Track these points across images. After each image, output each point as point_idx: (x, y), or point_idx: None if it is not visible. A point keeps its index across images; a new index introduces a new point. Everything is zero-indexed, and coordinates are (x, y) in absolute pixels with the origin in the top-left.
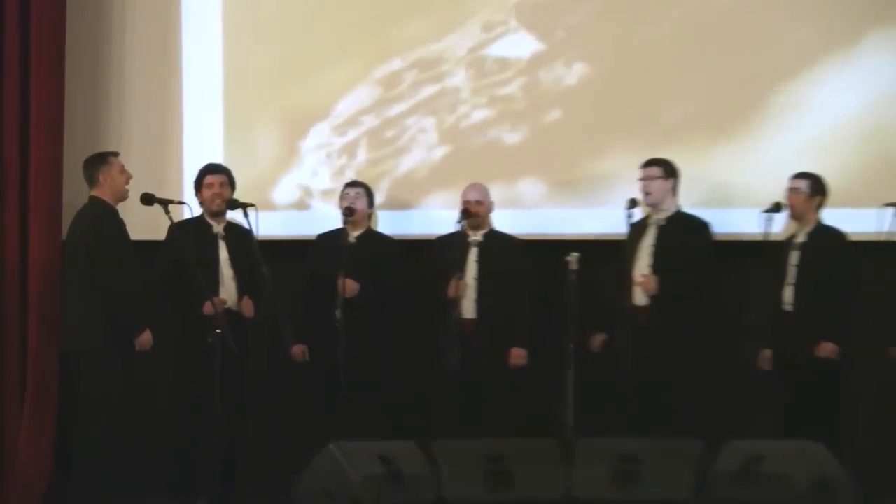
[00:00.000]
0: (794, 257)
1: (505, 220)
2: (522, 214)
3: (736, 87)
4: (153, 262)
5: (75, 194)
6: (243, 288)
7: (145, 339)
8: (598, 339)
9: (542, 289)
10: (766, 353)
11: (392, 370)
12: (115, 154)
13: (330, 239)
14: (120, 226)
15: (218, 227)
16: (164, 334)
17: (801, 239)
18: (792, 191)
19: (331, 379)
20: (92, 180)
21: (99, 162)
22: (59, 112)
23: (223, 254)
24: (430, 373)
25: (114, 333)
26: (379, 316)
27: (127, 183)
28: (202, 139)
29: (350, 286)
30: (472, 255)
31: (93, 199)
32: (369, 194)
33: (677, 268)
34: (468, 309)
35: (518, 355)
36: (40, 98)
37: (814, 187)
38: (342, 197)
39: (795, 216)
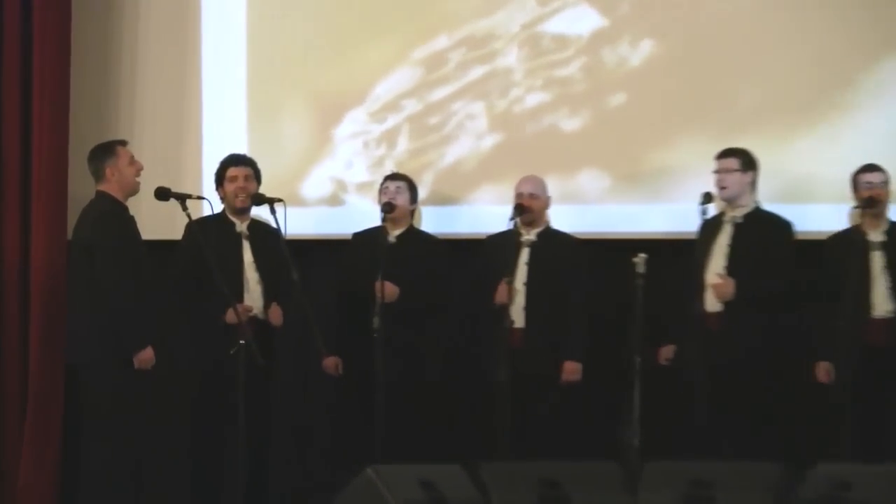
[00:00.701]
0: (878, 259)
1: (562, 218)
2: (582, 210)
3: (821, 67)
4: (168, 264)
5: (82, 188)
6: (270, 293)
7: (146, 357)
8: (666, 351)
9: (604, 293)
10: (825, 366)
11: (435, 385)
12: (124, 143)
13: (367, 238)
14: (128, 224)
15: (241, 226)
16: (181, 347)
17: (879, 238)
18: (872, 185)
19: (367, 395)
20: (98, 174)
21: (105, 153)
22: (65, 95)
23: (248, 255)
24: (477, 389)
25: (115, 346)
26: (421, 325)
27: (137, 175)
28: (223, 127)
29: (389, 291)
30: (524, 255)
31: (99, 195)
32: (411, 188)
33: (755, 271)
34: (518, 317)
35: (572, 370)
36: (44, 79)
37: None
38: (381, 191)
39: (879, 212)
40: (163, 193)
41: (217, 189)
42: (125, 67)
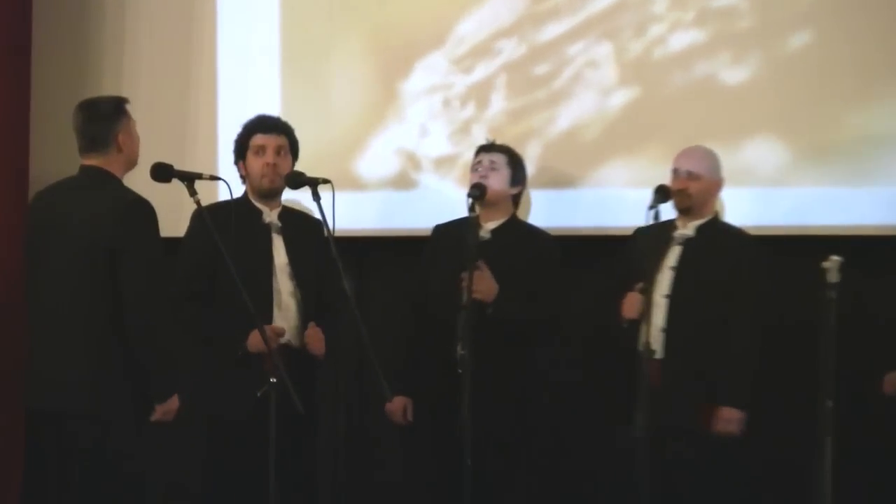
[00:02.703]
0: None
1: (727, 205)
2: (753, 196)
3: None
4: (168, 269)
5: (45, 163)
6: (309, 310)
7: (173, 405)
8: (892, 380)
9: (780, 310)
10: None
11: (543, 434)
12: (126, 101)
13: (452, 234)
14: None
15: (271, 215)
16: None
17: None
18: None
19: (449, 448)
20: (102, 142)
21: (116, 113)
22: (25, 35)
23: (279, 256)
24: (601, 439)
25: (141, 391)
26: (523, 353)
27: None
28: (247, 82)
29: (486, 286)
30: (672, 257)
31: (99, 174)
32: (513, 164)
33: None
34: (656, 343)
35: (729, 418)
36: None
37: None
38: (471, 169)
39: None
40: (163, 171)
41: (237, 163)
42: (109, 8)
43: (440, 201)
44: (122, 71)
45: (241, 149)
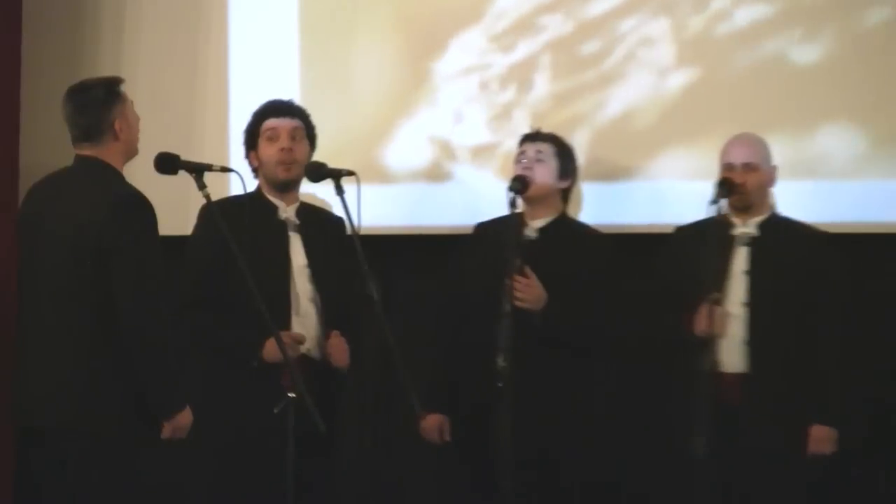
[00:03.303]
0: None
1: (792, 199)
2: (827, 189)
3: None
4: (173, 272)
5: (37, 153)
6: (331, 317)
7: (184, 421)
8: None
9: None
10: None
11: (595, 456)
12: (121, 81)
13: (496, 233)
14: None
15: (288, 211)
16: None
17: None
18: None
19: (489, 472)
20: (97, 129)
21: (111, 97)
22: (14, 11)
23: (298, 256)
24: (662, 462)
25: (144, 405)
26: (571, 366)
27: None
28: (261, 60)
29: (531, 292)
30: (739, 259)
31: (93, 164)
32: (562, 155)
33: None
34: (731, 356)
35: (823, 437)
36: None
37: None
38: (515, 161)
39: None
40: (168, 162)
41: (248, 155)
42: None
43: (477, 196)
44: (122, 51)
45: (252, 137)
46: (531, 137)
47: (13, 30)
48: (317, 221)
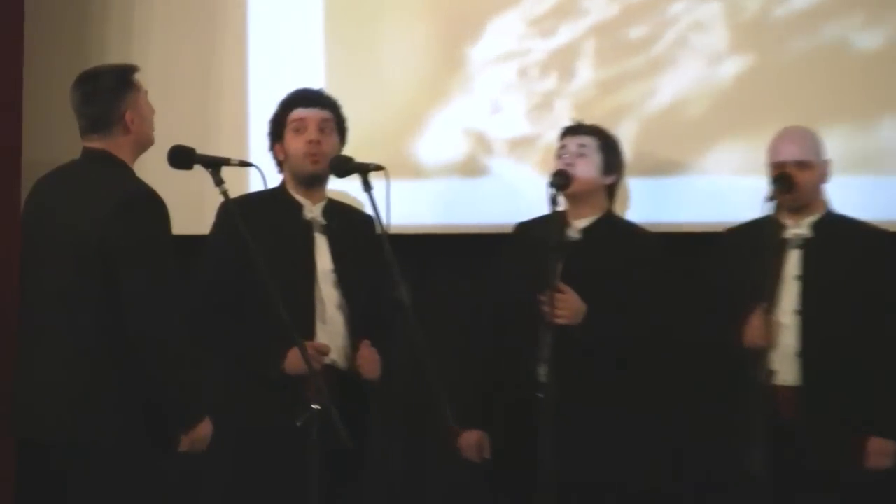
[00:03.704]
0: None
1: (854, 196)
2: (890, 185)
3: None
4: (188, 275)
5: (40, 145)
6: (359, 325)
7: (203, 432)
8: None
9: None
10: None
11: (641, 476)
12: (136, 69)
13: (537, 234)
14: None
15: (314, 209)
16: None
17: None
18: None
19: (528, 491)
20: (107, 121)
21: (123, 86)
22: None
23: (323, 259)
24: (715, 481)
25: (149, 420)
26: (620, 378)
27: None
28: (283, 46)
29: (570, 305)
30: (793, 262)
31: (103, 157)
32: (606, 148)
33: None
34: (783, 368)
35: (883, 450)
36: None
37: None
38: (556, 156)
39: None
40: (183, 156)
41: (272, 147)
42: None
43: (515, 192)
44: (132, 36)
45: (278, 128)
46: (573, 130)
47: (15, 14)
48: (345, 221)
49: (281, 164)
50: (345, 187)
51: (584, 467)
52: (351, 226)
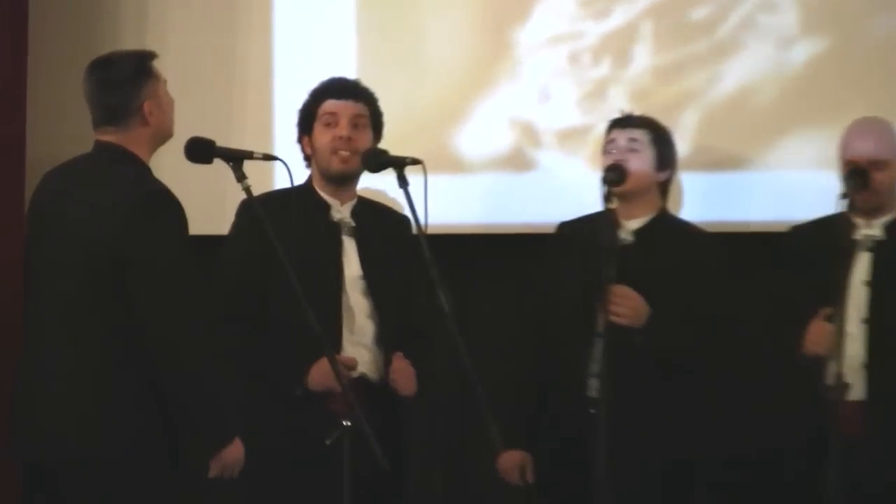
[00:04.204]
0: None
1: None
2: None
3: None
4: (205, 279)
5: (45, 137)
6: (391, 336)
7: (233, 456)
8: None
9: None
10: None
11: (704, 498)
12: (154, 56)
13: (582, 235)
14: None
15: (343, 210)
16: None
17: None
18: None
19: None
20: (123, 111)
21: (141, 75)
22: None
23: (352, 264)
24: (783, 500)
25: (168, 438)
26: (681, 392)
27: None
28: (311, 30)
29: (630, 303)
30: (862, 266)
31: (116, 153)
32: (659, 142)
33: None
34: (853, 380)
35: None
36: None
37: None
38: (603, 151)
39: None
40: (202, 149)
41: (301, 139)
42: None
43: (565, 188)
44: (147, 18)
45: (308, 119)
46: (622, 123)
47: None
48: (377, 222)
49: (308, 159)
50: (382, 186)
51: (642, 490)
52: (384, 227)
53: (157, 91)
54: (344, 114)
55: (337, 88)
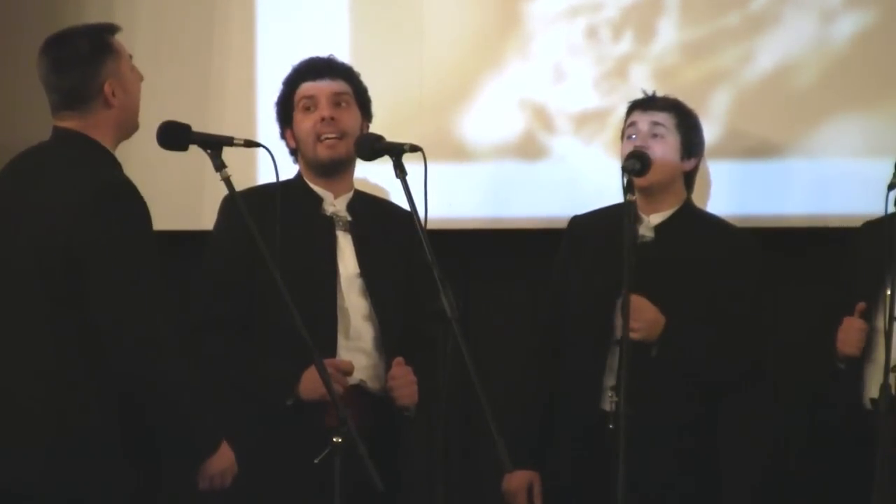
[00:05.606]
0: None
1: None
2: None
3: None
4: (184, 284)
5: (2, 130)
6: (391, 342)
7: (220, 465)
8: None
9: None
10: None
11: None
12: (115, 30)
13: (597, 230)
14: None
15: (336, 204)
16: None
17: None
18: None
19: None
20: (82, 94)
21: (100, 51)
22: None
23: (348, 262)
24: None
25: (146, 456)
26: (705, 404)
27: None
28: (298, 11)
29: (647, 315)
30: None
31: (74, 138)
32: (685, 127)
33: None
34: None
35: None
36: None
37: None
38: (623, 135)
39: None
40: (176, 134)
41: (284, 134)
42: None
43: (581, 178)
44: None
45: (286, 110)
46: (644, 104)
47: None
48: (375, 216)
49: (295, 153)
50: (378, 176)
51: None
52: (383, 222)
53: (120, 68)
54: (322, 94)
55: (310, 69)
